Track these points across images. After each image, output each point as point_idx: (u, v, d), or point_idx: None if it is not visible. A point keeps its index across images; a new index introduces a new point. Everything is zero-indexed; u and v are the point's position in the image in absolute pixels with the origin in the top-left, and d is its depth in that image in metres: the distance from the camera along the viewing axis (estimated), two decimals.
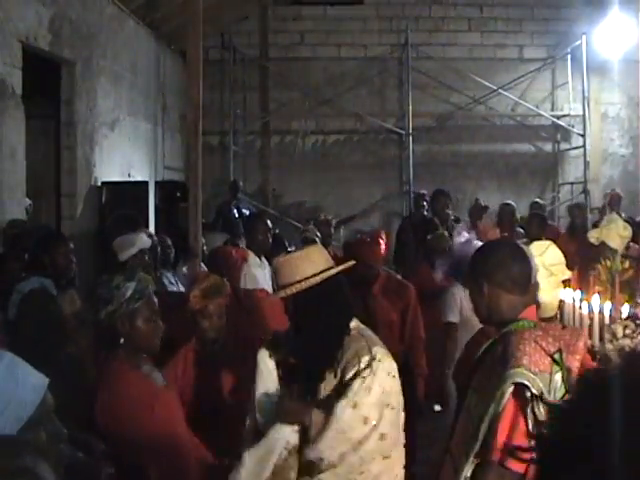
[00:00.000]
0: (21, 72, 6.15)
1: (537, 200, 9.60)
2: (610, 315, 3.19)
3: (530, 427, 2.12)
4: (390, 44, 12.38)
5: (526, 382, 2.12)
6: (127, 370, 2.81)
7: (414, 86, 12.06)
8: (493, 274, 2.39)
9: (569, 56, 12.23)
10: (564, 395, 2.17)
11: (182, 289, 5.71)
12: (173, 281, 6.06)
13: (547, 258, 3.03)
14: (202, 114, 6.63)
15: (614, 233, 4.68)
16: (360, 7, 12.39)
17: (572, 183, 12.58)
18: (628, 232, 4.84)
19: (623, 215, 8.69)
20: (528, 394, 2.12)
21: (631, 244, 5.32)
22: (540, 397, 2.11)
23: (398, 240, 8.87)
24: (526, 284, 2.41)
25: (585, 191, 12.16)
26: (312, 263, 2.71)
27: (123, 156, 8.86)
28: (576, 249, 5.76)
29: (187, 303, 3.58)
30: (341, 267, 2.78)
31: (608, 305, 3.21)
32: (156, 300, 2.93)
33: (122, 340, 2.81)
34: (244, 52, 12.22)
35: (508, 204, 8.07)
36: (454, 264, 4.85)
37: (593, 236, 4.86)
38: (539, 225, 7.11)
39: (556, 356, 2.17)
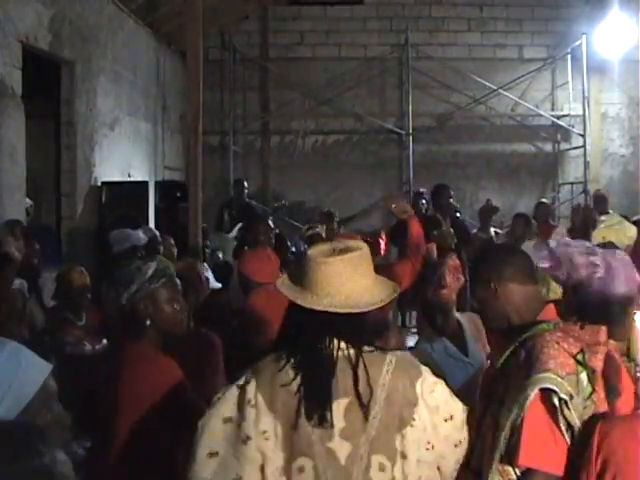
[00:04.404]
0: (21, 72, 6.15)
1: (543, 200, 9.63)
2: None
3: (564, 433, 2.11)
4: (390, 44, 12.38)
5: (554, 387, 2.10)
6: (152, 353, 2.73)
7: (414, 86, 12.06)
8: (501, 271, 2.38)
9: (569, 56, 12.23)
10: (591, 394, 2.16)
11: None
12: None
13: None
14: (202, 114, 6.63)
15: (621, 233, 4.69)
16: (360, 7, 12.39)
17: (572, 183, 12.58)
18: (634, 232, 4.84)
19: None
20: (556, 400, 2.10)
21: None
22: (570, 400, 2.10)
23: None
24: (533, 272, 2.42)
25: (585, 191, 12.16)
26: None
27: (123, 156, 8.86)
28: None
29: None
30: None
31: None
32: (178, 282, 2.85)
33: (148, 322, 2.71)
34: (244, 52, 12.23)
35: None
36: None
37: (600, 235, 4.86)
38: (525, 225, 7.13)
39: (579, 357, 2.16)
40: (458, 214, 8.38)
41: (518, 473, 2.16)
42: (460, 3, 12.40)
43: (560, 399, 2.10)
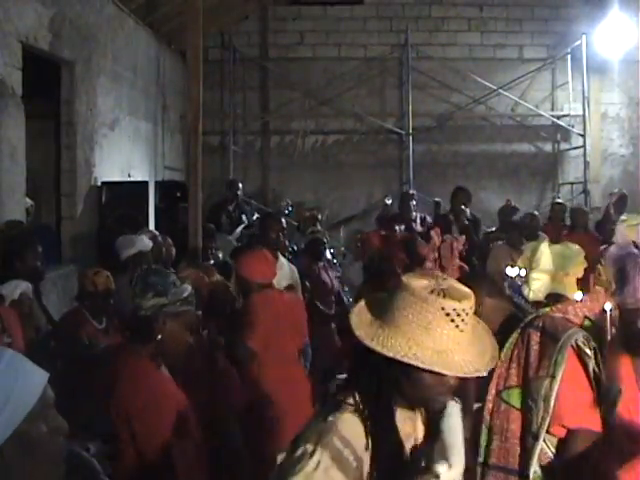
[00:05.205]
0: (21, 72, 6.14)
1: (558, 201, 9.62)
2: (610, 314, 3.20)
3: (593, 387, 2.29)
4: (390, 44, 12.37)
5: (585, 337, 2.33)
6: (154, 370, 2.72)
7: (414, 86, 12.06)
8: (486, 287, 2.64)
9: (569, 56, 12.22)
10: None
11: None
12: None
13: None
14: (202, 114, 6.63)
15: None
16: (360, 7, 12.39)
17: (572, 183, 12.58)
18: None
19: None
20: (588, 349, 2.30)
21: None
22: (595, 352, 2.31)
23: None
24: (504, 290, 2.85)
25: (585, 191, 12.17)
26: None
27: (123, 156, 8.85)
28: None
29: None
30: None
31: (608, 305, 3.22)
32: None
33: (159, 337, 2.68)
34: (244, 52, 12.23)
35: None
36: None
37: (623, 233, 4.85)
38: (519, 235, 7.11)
39: (586, 322, 2.41)
40: (467, 220, 8.30)
41: (553, 450, 2.30)
42: (460, 3, 12.40)
43: (592, 347, 2.31)
